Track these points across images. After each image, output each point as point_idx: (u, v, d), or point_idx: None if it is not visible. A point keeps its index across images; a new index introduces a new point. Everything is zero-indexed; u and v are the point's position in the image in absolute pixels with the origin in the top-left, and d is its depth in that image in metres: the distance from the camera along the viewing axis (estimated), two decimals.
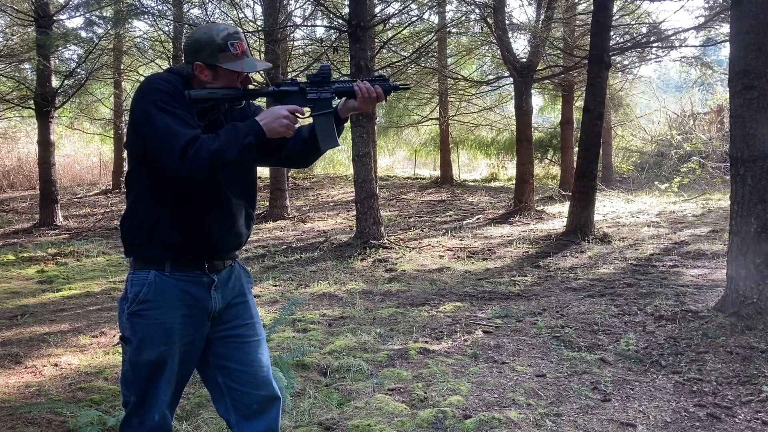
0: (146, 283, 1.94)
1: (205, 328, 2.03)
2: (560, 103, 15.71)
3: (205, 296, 2.00)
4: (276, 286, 6.61)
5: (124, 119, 15.95)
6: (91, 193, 17.20)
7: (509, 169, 19.64)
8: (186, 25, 12.25)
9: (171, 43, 13.65)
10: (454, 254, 8.16)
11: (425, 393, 3.41)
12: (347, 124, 2.26)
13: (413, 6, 12.12)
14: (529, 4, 12.99)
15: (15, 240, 10.73)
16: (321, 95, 1.99)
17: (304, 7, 13.60)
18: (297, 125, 1.98)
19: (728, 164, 5.11)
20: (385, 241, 8.81)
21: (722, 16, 10.41)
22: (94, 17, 12.57)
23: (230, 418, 2.11)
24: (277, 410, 2.14)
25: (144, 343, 1.93)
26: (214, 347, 2.08)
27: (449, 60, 15.87)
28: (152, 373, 1.94)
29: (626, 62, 14.68)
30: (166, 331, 1.93)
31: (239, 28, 2.08)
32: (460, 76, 15.40)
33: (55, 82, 12.01)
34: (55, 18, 11.86)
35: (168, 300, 1.94)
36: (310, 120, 2.04)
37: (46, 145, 11.97)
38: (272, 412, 2.13)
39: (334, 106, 2.01)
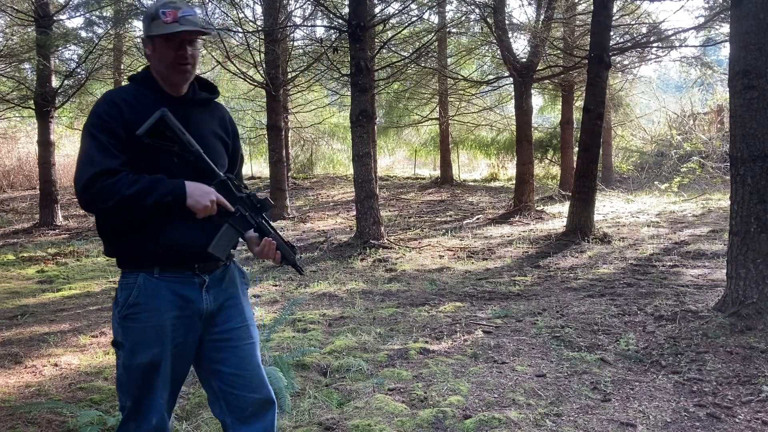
0: (135, 286, 1.93)
1: (197, 329, 2.01)
2: (560, 103, 15.70)
3: (197, 297, 1.98)
4: (276, 286, 6.61)
5: None
6: None
7: (509, 169, 19.64)
8: None
9: None
10: (454, 254, 8.16)
11: (425, 393, 3.41)
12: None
13: (413, 6, 12.12)
14: (529, 4, 12.99)
15: (15, 240, 10.73)
16: (248, 217, 2.03)
17: (304, 7, 13.62)
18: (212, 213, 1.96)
19: (728, 164, 5.11)
20: (385, 241, 8.81)
21: (722, 16, 10.40)
22: (94, 17, 12.59)
23: (226, 420, 2.10)
24: (273, 415, 2.13)
25: (137, 346, 1.92)
26: (208, 351, 2.06)
27: (449, 60, 15.86)
28: (146, 376, 1.93)
29: (626, 62, 14.68)
30: (158, 333, 1.92)
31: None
32: (460, 76, 15.39)
33: (55, 82, 12.01)
34: (55, 18, 11.87)
35: (158, 302, 1.93)
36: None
37: (46, 145, 11.97)
38: (268, 416, 2.11)
39: (245, 232, 2.06)
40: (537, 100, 19.47)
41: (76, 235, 10.99)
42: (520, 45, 27.90)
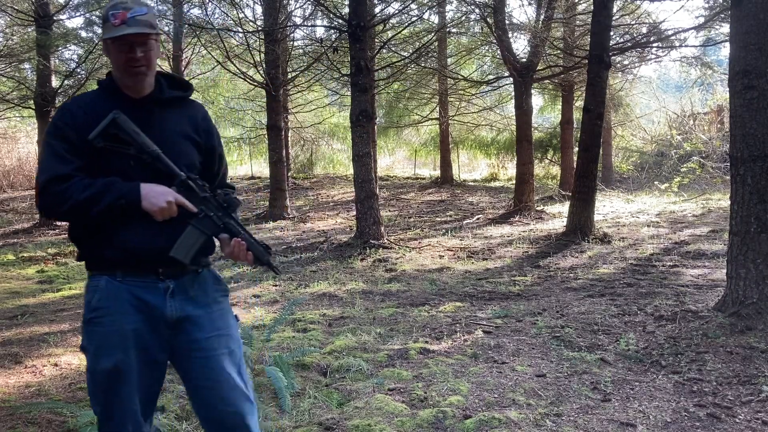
0: (98, 289, 1.90)
1: (163, 334, 1.94)
2: (560, 103, 15.70)
3: (161, 303, 1.92)
4: (276, 286, 6.61)
5: None
6: None
7: (509, 169, 19.63)
8: (186, 25, 12.26)
9: (171, 43, 13.66)
10: (454, 254, 8.16)
11: (425, 393, 3.41)
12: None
13: (413, 6, 12.13)
14: (529, 4, 13.00)
15: (15, 240, 10.73)
16: (213, 217, 1.96)
17: (304, 7, 13.64)
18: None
19: (728, 164, 5.11)
20: (385, 241, 8.81)
21: (722, 16, 10.41)
22: (94, 17, 12.59)
23: (203, 426, 2.05)
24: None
25: (100, 351, 1.88)
26: (178, 359, 1.99)
27: (449, 60, 15.86)
28: (111, 382, 1.88)
29: (626, 62, 14.69)
30: (121, 339, 1.87)
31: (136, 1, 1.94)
32: (460, 76, 15.39)
33: (55, 82, 12.01)
34: (55, 18, 11.87)
35: (120, 306, 1.88)
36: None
37: None
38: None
39: (213, 233, 1.97)
40: (537, 100, 19.49)
41: None
42: (520, 45, 27.91)
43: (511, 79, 12.23)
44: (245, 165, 21.75)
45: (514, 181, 12.63)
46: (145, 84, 1.95)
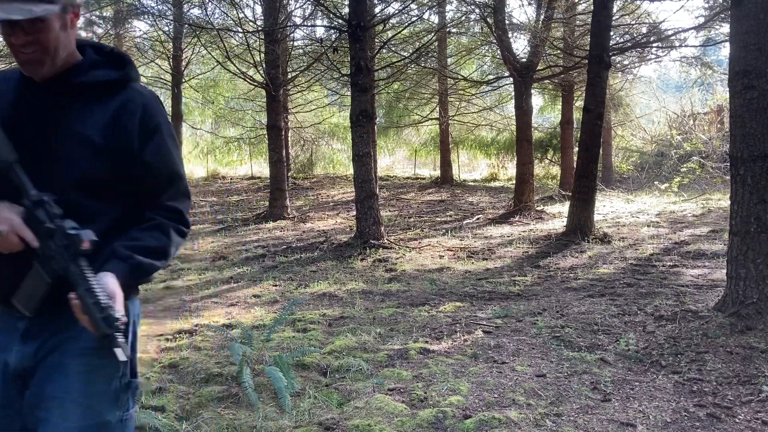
0: None
1: (11, 385, 1.51)
2: (560, 103, 15.72)
3: (8, 345, 1.50)
4: (276, 286, 6.62)
5: None
6: None
7: (509, 169, 19.64)
8: (186, 25, 12.27)
9: (171, 43, 13.67)
10: (454, 254, 8.16)
11: (425, 393, 3.41)
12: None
13: (413, 6, 12.14)
14: (529, 4, 13.00)
15: None
16: (57, 259, 1.42)
17: (304, 7, 13.64)
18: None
19: (728, 164, 5.11)
20: (385, 241, 8.81)
21: (722, 16, 10.42)
22: (94, 17, 12.61)
23: None
24: None
25: None
26: (25, 417, 1.54)
27: (449, 60, 15.87)
28: None
29: (626, 62, 14.70)
30: None
31: None
32: (460, 76, 15.40)
33: None
34: None
35: None
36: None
37: None
38: None
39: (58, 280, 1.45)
40: (537, 100, 19.50)
41: None
42: (520, 45, 27.91)
43: (511, 79, 12.23)
44: (245, 165, 21.76)
45: (514, 181, 12.64)
46: (46, 71, 1.48)
